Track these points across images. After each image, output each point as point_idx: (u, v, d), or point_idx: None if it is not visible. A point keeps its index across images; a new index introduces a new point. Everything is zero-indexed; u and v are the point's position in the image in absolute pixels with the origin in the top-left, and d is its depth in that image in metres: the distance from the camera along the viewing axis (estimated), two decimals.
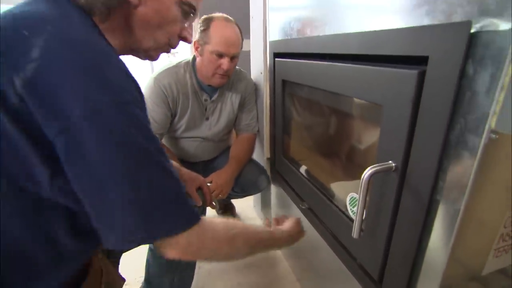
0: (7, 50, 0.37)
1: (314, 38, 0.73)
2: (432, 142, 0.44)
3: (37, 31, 0.38)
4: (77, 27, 0.43)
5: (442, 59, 0.40)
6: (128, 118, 0.40)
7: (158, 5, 0.51)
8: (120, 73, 0.41)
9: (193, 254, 0.50)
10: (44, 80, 0.37)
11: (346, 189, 0.78)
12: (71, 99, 0.37)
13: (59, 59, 0.37)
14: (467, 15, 0.37)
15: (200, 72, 1.09)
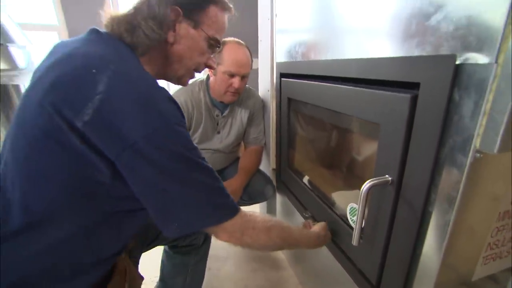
0: (81, 85, 0.44)
1: (317, 61, 0.77)
2: (425, 159, 0.46)
3: (102, 69, 0.44)
4: (132, 65, 0.51)
5: (431, 86, 0.43)
6: (176, 136, 0.46)
7: (190, 42, 0.58)
8: (167, 101, 0.47)
9: (237, 239, 0.56)
10: (108, 109, 0.42)
11: (346, 199, 0.80)
12: (131, 124, 0.42)
13: (119, 92, 0.44)
14: (452, 49, 0.40)
15: (213, 90, 1.13)
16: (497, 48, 0.34)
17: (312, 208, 0.95)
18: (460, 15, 0.38)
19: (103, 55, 0.48)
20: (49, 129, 0.43)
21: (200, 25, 0.58)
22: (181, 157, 0.46)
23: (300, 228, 0.74)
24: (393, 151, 0.52)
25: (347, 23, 0.64)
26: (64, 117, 0.43)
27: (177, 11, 0.54)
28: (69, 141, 0.43)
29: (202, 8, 0.58)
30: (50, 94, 0.44)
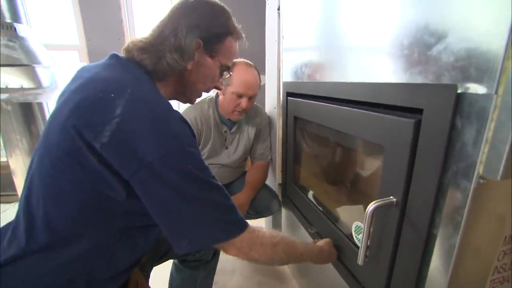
0: (101, 109, 0.46)
1: (323, 83, 0.78)
2: (429, 183, 0.45)
3: (120, 93, 0.46)
4: (148, 89, 0.52)
5: (434, 113, 0.43)
6: (189, 157, 0.48)
7: (206, 70, 0.62)
8: (180, 123, 0.49)
9: (245, 254, 0.56)
10: (125, 131, 0.44)
11: (352, 216, 0.79)
12: (146, 145, 0.44)
13: (136, 115, 0.45)
14: (453, 78, 0.40)
15: (222, 108, 1.15)
16: (497, 80, 0.34)
17: (318, 224, 0.94)
18: (460, 47, 0.39)
19: (121, 80, 0.50)
20: (71, 150, 0.45)
21: (216, 55, 0.61)
22: (194, 177, 0.48)
23: (305, 242, 0.74)
24: (397, 173, 0.52)
25: (351, 48, 0.66)
26: (85, 139, 0.44)
27: (199, 43, 0.57)
28: (88, 162, 0.44)
29: (220, 40, 0.61)
30: (72, 117, 0.46)
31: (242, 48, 0.70)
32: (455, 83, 0.40)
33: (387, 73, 0.54)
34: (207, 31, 0.58)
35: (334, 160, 0.95)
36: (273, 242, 0.59)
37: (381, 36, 0.55)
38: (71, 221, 0.47)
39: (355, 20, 0.63)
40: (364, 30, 0.60)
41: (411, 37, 0.48)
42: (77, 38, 2.13)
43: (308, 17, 0.88)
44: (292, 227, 1.21)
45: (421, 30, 0.45)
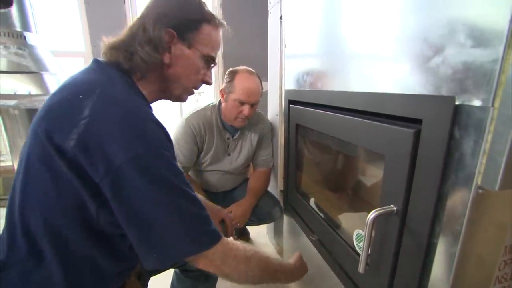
0: (69, 111, 0.45)
1: (324, 92, 0.79)
2: (428, 192, 0.46)
3: (88, 94, 0.45)
4: (119, 89, 0.50)
5: (433, 123, 0.44)
6: (160, 160, 0.45)
7: (186, 62, 0.58)
8: (152, 124, 0.46)
9: (216, 268, 0.52)
10: (92, 133, 0.42)
11: (353, 223, 0.79)
12: (115, 147, 0.42)
13: (104, 115, 0.43)
14: (452, 90, 0.41)
15: (224, 115, 1.17)
16: (493, 93, 0.35)
17: (319, 231, 0.94)
18: (457, 60, 0.40)
19: (93, 82, 0.49)
20: (42, 156, 0.44)
21: (194, 45, 0.58)
22: (164, 182, 0.45)
23: (279, 259, 0.69)
24: (398, 182, 0.52)
25: (353, 58, 0.67)
26: (54, 143, 0.43)
27: (171, 33, 0.54)
28: (59, 168, 0.43)
29: (195, 28, 0.57)
30: (43, 122, 0.45)
31: (245, 54, 0.71)
32: (453, 95, 0.41)
33: (387, 83, 0.55)
34: (178, 20, 0.55)
35: (335, 167, 0.95)
36: (247, 256, 0.56)
37: (381, 47, 0.56)
38: (48, 230, 0.46)
39: (356, 30, 0.64)
40: (365, 41, 0.61)
41: (411, 49, 0.49)
42: (83, 45, 2.17)
43: (310, 26, 0.89)
44: (294, 234, 1.21)
45: (420, 42, 0.47)
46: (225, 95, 1.13)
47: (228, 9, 2.32)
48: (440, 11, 0.42)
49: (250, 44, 2.37)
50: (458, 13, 0.40)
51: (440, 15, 0.42)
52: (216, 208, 0.94)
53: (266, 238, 1.67)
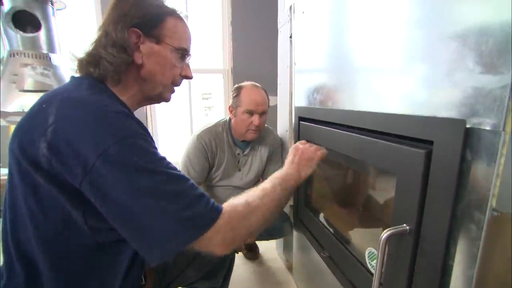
0: (36, 122, 0.45)
1: (335, 110, 0.81)
2: (442, 213, 0.46)
3: (51, 102, 0.45)
4: (82, 92, 0.49)
5: (445, 145, 0.44)
6: (132, 149, 0.43)
7: (158, 58, 0.57)
8: (118, 117, 0.45)
9: (234, 240, 0.50)
10: (61, 138, 0.42)
11: (364, 240, 0.78)
12: (85, 147, 0.41)
13: (68, 118, 0.43)
14: (462, 113, 0.42)
15: (235, 130, 1.19)
16: (503, 118, 0.36)
17: (330, 248, 0.93)
18: (466, 85, 0.41)
19: (57, 91, 0.49)
20: (20, 172, 0.45)
21: (162, 39, 0.57)
22: (143, 170, 0.43)
23: (270, 179, 0.65)
24: (410, 201, 0.52)
25: (363, 77, 0.68)
26: (28, 158, 0.43)
27: (136, 32, 0.54)
28: (37, 182, 0.43)
29: (159, 23, 0.56)
30: (16, 138, 0.46)
31: (254, 69, 0.73)
32: (464, 117, 0.41)
33: (397, 103, 0.56)
34: (138, 18, 0.54)
35: (346, 183, 0.95)
36: (250, 209, 0.53)
37: (392, 67, 0.58)
38: (42, 249, 0.45)
39: (366, 51, 0.66)
40: (376, 61, 0.63)
41: (421, 71, 0.50)
42: None
43: (319, 45, 0.92)
44: (304, 249, 1.19)
45: (430, 66, 0.48)
46: (234, 110, 1.16)
47: (238, 26, 2.40)
48: (450, 35, 0.44)
49: (259, 60, 2.43)
50: (466, 39, 0.41)
51: (449, 40, 0.44)
52: None
53: (275, 253, 1.65)
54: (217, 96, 2.62)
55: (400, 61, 0.55)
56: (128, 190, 0.42)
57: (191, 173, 1.15)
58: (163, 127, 2.45)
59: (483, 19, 0.38)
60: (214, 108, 2.65)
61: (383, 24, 0.60)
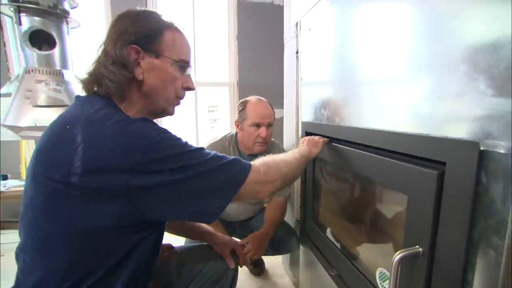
0: (62, 144, 0.47)
1: (343, 127, 0.80)
2: (457, 236, 0.44)
3: (75, 123, 0.48)
4: (101, 110, 0.51)
5: (458, 167, 0.43)
6: (164, 145, 0.49)
7: (158, 72, 0.58)
8: (139, 123, 0.49)
9: (267, 183, 0.60)
10: (94, 155, 0.45)
11: (374, 259, 0.76)
12: (120, 159, 0.45)
13: (96, 136, 0.46)
14: (476, 135, 0.41)
15: (242, 144, 1.19)
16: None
17: (339, 266, 0.90)
18: (479, 107, 0.40)
19: (75, 112, 0.51)
20: (47, 197, 0.46)
21: (162, 53, 0.57)
22: (182, 154, 0.50)
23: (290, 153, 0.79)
24: (422, 222, 0.51)
25: (373, 94, 0.68)
26: (59, 181, 0.44)
27: (134, 48, 0.55)
28: (71, 200, 0.45)
29: (157, 37, 0.57)
30: (38, 163, 0.48)
31: (260, 82, 0.74)
32: (477, 139, 0.41)
33: (407, 122, 0.56)
34: (136, 34, 0.55)
35: (355, 199, 0.94)
36: (275, 158, 0.67)
37: (401, 87, 0.58)
38: (68, 263, 0.47)
39: (375, 68, 0.67)
40: (385, 78, 0.63)
41: (431, 91, 0.50)
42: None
43: (326, 61, 0.93)
44: (311, 265, 1.16)
45: (441, 85, 0.47)
46: (240, 124, 1.17)
47: (244, 40, 2.45)
48: (462, 56, 0.44)
49: (264, 74, 2.46)
50: (477, 61, 0.41)
51: (460, 60, 0.44)
52: (226, 239, 0.92)
53: (281, 269, 1.61)
54: (222, 109, 2.64)
55: (410, 80, 0.55)
56: (177, 181, 0.48)
57: None
58: None
59: (493, 39, 0.38)
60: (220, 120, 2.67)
61: (392, 41, 0.60)
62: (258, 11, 2.42)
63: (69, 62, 1.37)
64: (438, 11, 0.48)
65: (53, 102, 1.19)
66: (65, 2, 1.33)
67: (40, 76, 1.24)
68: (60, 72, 1.29)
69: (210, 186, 0.52)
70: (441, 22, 0.47)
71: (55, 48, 1.28)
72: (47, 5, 1.26)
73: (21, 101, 1.18)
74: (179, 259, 0.82)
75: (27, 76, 1.25)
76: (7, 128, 1.14)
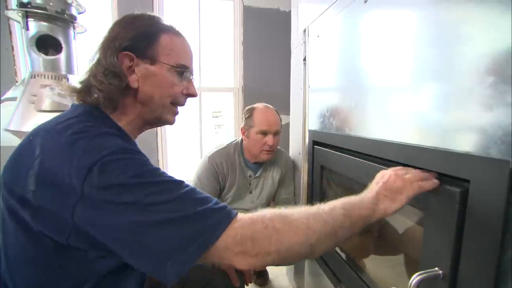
0: (22, 156, 0.44)
1: (354, 138, 0.77)
2: (485, 261, 0.41)
3: (37, 134, 0.45)
4: (65, 121, 0.46)
5: (485, 186, 0.40)
6: (115, 167, 0.40)
7: (153, 79, 0.53)
8: (98, 137, 0.43)
9: (257, 253, 0.40)
10: (46, 170, 0.40)
11: (386, 275, 0.72)
12: (69, 175, 0.39)
13: (52, 149, 0.42)
14: (502, 152, 0.38)
15: (247, 152, 1.17)
16: None
17: (347, 280, 0.86)
18: (508, 122, 0.37)
19: (46, 122, 0.48)
20: (9, 211, 0.43)
21: (157, 59, 0.53)
22: (132, 186, 0.39)
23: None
24: (442, 243, 0.48)
25: (386, 105, 0.65)
26: (16, 195, 0.41)
27: (128, 55, 0.52)
28: (24, 221, 0.41)
29: (152, 42, 0.53)
30: (3, 175, 0.45)
31: (265, 88, 0.72)
32: (505, 157, 0.38)
33: (425, 136, 0.53)
34: (129, 40, 0.51)
35: None
36: (284, 219, 0.42)
37: (419, 99, 0.55)
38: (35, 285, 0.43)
39: (390, 76, 0.64)
40: (402, 87, 0.60)
41: (456, 104, 0.46)
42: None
43: (335, 68, 0.90)
44: (316, 276, 1.12)
45: (466, 100, 0.44)
46: (246, 131, 1.15)
47: (249, 45, 2.44)
48: (488, 68, 0.41)
49: (269, 79, 2.45)
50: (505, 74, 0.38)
51: (487, 73, 0.41)
52: None
53: (285, 279, 1.57)
54: (227, 115, 2.63)
55: (427, 89, 0.52)
56: (126, 210, 0.38)
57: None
58: (173, 145, 2.46)
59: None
60: (224, 126, 2.65)
61: (407, 48, 0.57)
62: (264, 17, 2.42)
63: (74, 67, 1.36)
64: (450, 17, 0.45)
65: (57, 107, 1.18)
66: (73, 7, 1.33)
67: (45, 81, 1.23)
68: (65, 77, 1.29)
69: (162, 245, 0.38)
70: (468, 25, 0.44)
71: (61, 53, 1.28)
72: (54, 11, 1.26)
73: (26, 105, 1.18)
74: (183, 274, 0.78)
75: (33, 81, 1.25)
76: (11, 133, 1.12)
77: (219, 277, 0.81)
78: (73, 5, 1.32)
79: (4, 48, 1.89)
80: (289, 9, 1.39)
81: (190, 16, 2.40)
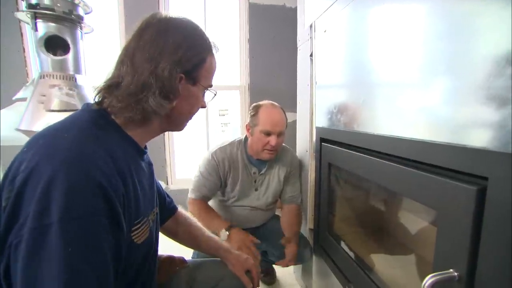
0: (14, 166, 0.39)
1: (363, 134, 0.75)
2: (505, 263, 0.39)
3: (31, 146, 0.40)
4: (71, 136, 0.41)
5: (504, 183, 0.38)
6: (58, 233, 0.35)
7: (190, 100, 0.55)
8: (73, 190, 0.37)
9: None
10: (22, 192, 0.36)
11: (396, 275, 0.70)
12: (29, 211, 0.35)
13: (35, 172, 0.36)
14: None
15: (251, 149, 1.15)
16: None
17: (356, 280, 0.84)
18: None
19: (47, 130, 0.43)
20: None
21: (198, 80, 0.54)
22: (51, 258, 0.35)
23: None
24: (457, 243, 0.45)
25: (396, 101, 0.63)
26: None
27: (180, 77, 0.51)
28: None
29: (201, 66, 0.53)
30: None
31: (272, 85, 0.70)
32: None
33: (438, 132, 0.50)
34: (188, 63, 0.50)
35: (375, 210, 0.88)
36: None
37: (431, 93, 0.52)
38: None
39: (400, 70, 0.61)
40: (414, 81, 0.57)
41: (473, 95, 0.44)
42: None
43: (343, 64, 0.88)
44: (324, 276, 1.11)
45: (483, 92, 0.42)
46: (251, 129, 1.13)
47: (255, 43, 2.42)
48: (506, 59, 0.38)
49: (276, 77, 2.42)
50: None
51: (505, 64, 0.38)
52: (242, 257, 0.85)
53: (293, 278, 1.55)
54: (233, 113, 2.62)
55: (440, 84, 0.50)
56: (34, 273, 0.35)
57: (202, 189, 1.14)
58: (180, 143, 2.46)
59: None
60: (231, 124, 2.64)
61: (417, 41, 0.55)
62: (270, 13, 2.39)
63: (82, 66, 1.37)
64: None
65: (66, 107, 1.19)
66: (80, 8, 1.34)
67: (54, 81, 1.25)
68: (73, 77, 1.30)
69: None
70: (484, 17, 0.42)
71: (69, 53, 1.29)
72: (62, 11, 1.27)
73: (35, 105, 1.19)
74: (190, 274, 0.78)
75: (42, 81, 1.26)
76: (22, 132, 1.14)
77: (228, 279, 0.80)
78: (80, 5, 1.33)
79: (15, 50, 1.93)
80: (295, 5, 1.37)
81: (195, 14, 2.39)
